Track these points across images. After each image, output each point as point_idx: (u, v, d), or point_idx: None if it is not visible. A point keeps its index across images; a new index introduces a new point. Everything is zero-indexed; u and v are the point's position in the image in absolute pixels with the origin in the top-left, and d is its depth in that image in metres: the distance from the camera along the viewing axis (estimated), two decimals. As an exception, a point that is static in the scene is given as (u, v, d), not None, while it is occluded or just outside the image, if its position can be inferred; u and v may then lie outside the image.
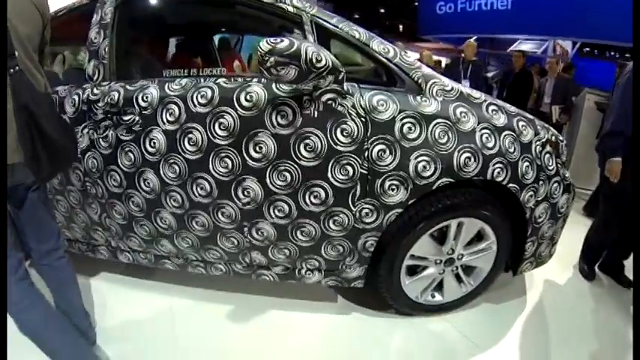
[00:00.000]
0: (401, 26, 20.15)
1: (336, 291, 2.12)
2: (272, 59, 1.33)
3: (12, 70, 1.16)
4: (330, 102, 1.54)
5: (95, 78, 1.77)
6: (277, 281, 1.85)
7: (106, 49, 1.78)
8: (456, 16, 13.28)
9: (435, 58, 8.36)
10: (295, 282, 1.84)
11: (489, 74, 9.40)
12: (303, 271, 1.81)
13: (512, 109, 1.82)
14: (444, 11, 13.70)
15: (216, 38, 2.71)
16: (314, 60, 1.36)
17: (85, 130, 1.74)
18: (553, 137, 1.87)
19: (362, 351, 1.78)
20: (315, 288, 2.06)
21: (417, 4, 16.18)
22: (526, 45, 12.10)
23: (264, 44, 1.33)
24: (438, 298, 1.94)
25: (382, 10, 20.27)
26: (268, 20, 1.88)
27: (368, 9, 19.51)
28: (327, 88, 1.52)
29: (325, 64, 1.39)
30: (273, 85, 1.56)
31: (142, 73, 1.91)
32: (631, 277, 2.41)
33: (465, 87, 1.79)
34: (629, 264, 2.45)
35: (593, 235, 2.48)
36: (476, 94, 1.75)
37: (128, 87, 1.71)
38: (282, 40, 1.33)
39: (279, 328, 1.87)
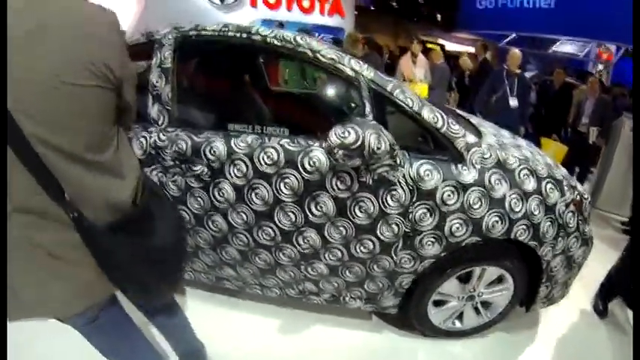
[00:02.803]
0: (439, 16, 19.53)
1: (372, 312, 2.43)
2: (340, 152, 1.55)
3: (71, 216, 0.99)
4: (383, 173, 1.77)
5: (160, 123, 1.91)
6: (324, 305, 2.17)
7: (169, 95, 1.92)
8: (497, 12, 12.66)
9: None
10: (339, 306, 2.16)
11: (527, 74, 9.31)
12: (347, 299, 2.12)
13: (543, 171, 1.97)
14: (485, 6, 13.06)
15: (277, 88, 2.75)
16: (375, 149, 1.57)
17: (154, 173, 1.91)
18: (578, 197, 2.05)
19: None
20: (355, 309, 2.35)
21: None
22: (568, 46, 11.68)
23: (334, 137, 1.54)
24: (458, 325, 2.25)
25: (421, 0, 19.62)
26: (328, 78, 2.04)
27: None
28: (383, 163, 1.74)
29: (384, 150, 1.61)
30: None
31: (206, 122, 2.07)
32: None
33: (501, 151, 1.94)
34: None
35: (616, 274, 2.50)
36: (511, 160, 1.92)
37: (195, 138, 1.87)
38: (349, 134, 1.54)
39: (319, 340, 2.21)
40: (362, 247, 1.88)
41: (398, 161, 1.75)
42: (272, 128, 1.90)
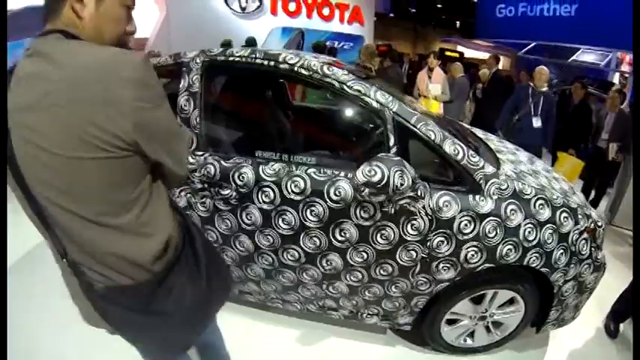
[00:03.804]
0: (458, 22, 19.56)
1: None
2: (366, 191, 1.67)
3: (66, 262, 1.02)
4: (405, 204, 1.87)
5: (189, 146, 1.98)
6: (342, 319, 2.29)
7: (197, 119, 2.03)
8: (516, 20, 12.66)
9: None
10: (356, 321, 2.28)
11: None
12: (364, 315, 2.24)
13: (559, 200, 2.05)
14: (504, 14, 13.05)
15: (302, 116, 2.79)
16: (399, 185, 1.69)
17: (183, 194, 2.04)
18: (592, 225, 2.13)
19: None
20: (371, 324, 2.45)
21: (475, 0, 15.41)
22: (588, 55, 11.43)
23: (361, 176, 1.66)
24: (469, 342, 2.35)
25: (439, 5, 19.61)
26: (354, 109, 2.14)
27: (425, 3, 18.95)
28: (405, 196, 1.84)
29: (407, 185, 1.72)
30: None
31: (234, 147, 2.18)
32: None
33: (518, 181, 2.03)
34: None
35: (628, 296, 2.50)
36: (527, 190, 2.00)
37: (223, 163, 1.99)
38: (375, 173, 1.66)
39: (335, 351, 2.34)
40: (381, 270, 2.00)
41: (419, 193, 1.86)
42: (299, 157, 2.01)
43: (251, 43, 6.37)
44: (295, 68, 2.03)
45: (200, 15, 8.20)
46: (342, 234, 1.93)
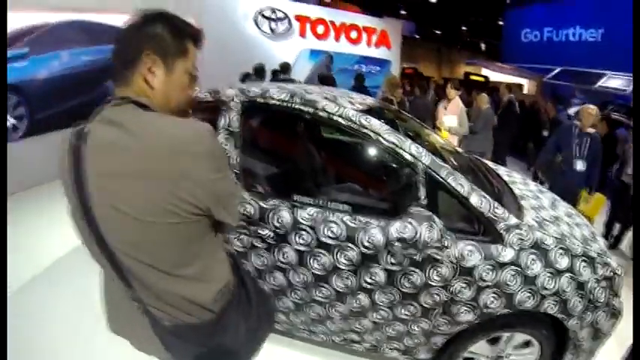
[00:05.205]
0: (483, 45, 19.62)
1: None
2: (399, 246, 1.84)
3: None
4: (432, 254, 2.01)
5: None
6: (364, 352, 2.42)
7: (237, 159, 2.17)
8: (542, 45, 12.69)
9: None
10: (377, 354, 2.41)
11: (571, 111, 8.88)
12: (385, 350, 2.37)
13: (579, 249, 2.14)
14: (529, 39, 13.12)
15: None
16: (428, 240, 1.84)
17: None
18: (610, 273, 2.20)
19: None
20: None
21: (500, 23, 15.32)
22: (614, 81, 11.29)
23: (394, 233, 1.83)
24: (485, 379, 2.46)
25: (464, 28, 19.71)
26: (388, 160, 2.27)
27: (450, 26, 19.10)
28: (433, 245, 1.98)
29: (435, 239, 1.86)
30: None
31: (272, 189, 2.31)
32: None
33: (539, 231, 2.14)
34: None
35: None
36: (547, 240, 2.10)
37: (262, 204, 2.15)
38: (407, 230, 1.82)
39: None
40: (405, 310, 2.14)
41: (445, 244, 1.99)
42: (335, 204, 2.16)
43: (285, 68, 6.57)
44: (333, 117, 2.19)
45: (231, 36, 8.48)
46: (371, 277, 2.08)
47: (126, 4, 6.15)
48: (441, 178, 2.08)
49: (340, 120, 2.18)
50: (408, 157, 2.10)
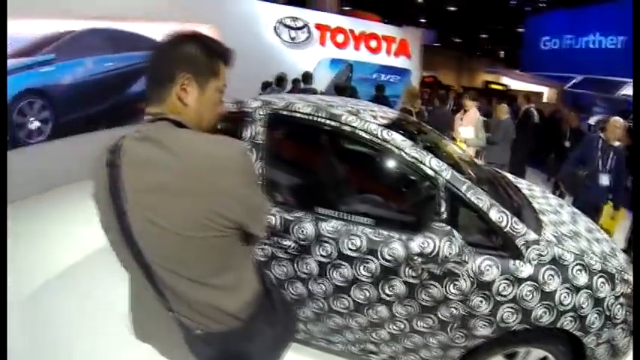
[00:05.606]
0: (502, 52, 19.55)
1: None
2: (419, 260, 1.89)
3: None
4: (451, 267, 2.05)
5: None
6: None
7: (261, 170, 2.23)
8: (562, 53, 12.45)
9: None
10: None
11: (592, 121, 8.78)
12: (402, 360, 2.42)
13: (597, 265, 2.16)
14: (549, 47, 12.89)
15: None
16: (447, 255, 1.89)
17: None
18: (629, 289, 2.21)
19: None
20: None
21: (520, 30, 15.19)
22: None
23: (415, 248, 1.87)
24: (502, 394, 2.47)
25: (484, 36, 19.64)
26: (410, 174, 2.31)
27: (469, 33, 19.08)
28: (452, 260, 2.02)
29: (455, 254, 1.91)
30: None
31: (295, 201, 2.38)
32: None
33: (558, 247, 2.15)
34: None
35: None
36: (566, 256, 2.12)
37: (286, 215, 2.21)
38: (427, 245, 1.87)
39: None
40: (423, 323, 2.18)
41: (464, 258, 2.03)
42: (357, 217, 2.21)
43: (307, 77, 6.65)
44: (357, 131, 2.25)
45: (251, 44, 8.58)
46: (390, 289, 2.13)
47: (147, 13, 6.38)
48: (461, 192, 2.11)
49: (363, 134, 2.24)
50: (429, 171, 2.15)
